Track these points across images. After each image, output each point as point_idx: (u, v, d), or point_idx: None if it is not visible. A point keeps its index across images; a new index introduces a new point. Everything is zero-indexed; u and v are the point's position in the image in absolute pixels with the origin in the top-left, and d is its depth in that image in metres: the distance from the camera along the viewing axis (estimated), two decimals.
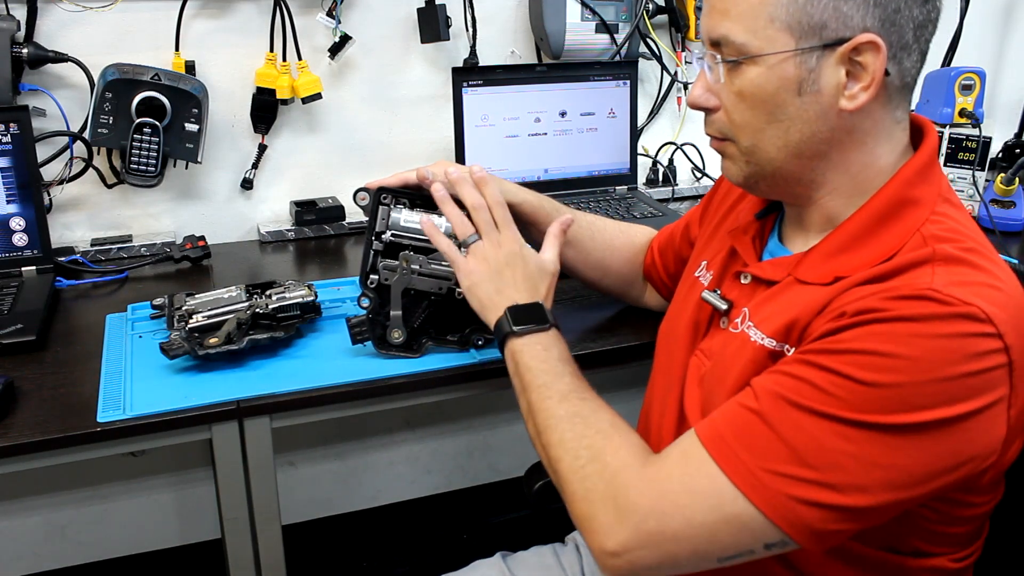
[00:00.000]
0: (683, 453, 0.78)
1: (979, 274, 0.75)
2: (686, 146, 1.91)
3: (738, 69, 0.80)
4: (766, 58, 0.78)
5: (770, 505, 0.72)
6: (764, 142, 0.82)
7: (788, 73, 0.78)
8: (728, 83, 0.82)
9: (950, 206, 0.82)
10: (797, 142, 0.81)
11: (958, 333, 0.70)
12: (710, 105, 0.85)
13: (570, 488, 0.81)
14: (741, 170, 0.86)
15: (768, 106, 0.80)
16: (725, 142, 0.86)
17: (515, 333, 0.93)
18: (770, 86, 0.79)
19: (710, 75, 0.84)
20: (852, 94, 0.78)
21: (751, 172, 0.85)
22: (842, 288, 0.77)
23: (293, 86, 1.57)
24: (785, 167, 0.83)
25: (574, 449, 0.82)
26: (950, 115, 1.64)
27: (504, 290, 0.97)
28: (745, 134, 0.83)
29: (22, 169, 1.37)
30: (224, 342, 1.08)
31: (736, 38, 0.79)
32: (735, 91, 0.81)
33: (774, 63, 0.78)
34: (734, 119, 0.83)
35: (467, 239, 1.01)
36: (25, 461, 0.98)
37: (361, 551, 1.99)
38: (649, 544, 0.75)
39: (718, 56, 0.82)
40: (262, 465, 1.08)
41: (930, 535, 0.81)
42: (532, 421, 0.88)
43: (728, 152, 0.87)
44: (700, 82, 0.85)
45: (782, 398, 0.74)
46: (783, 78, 0.79)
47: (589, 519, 0.78)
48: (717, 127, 0.86)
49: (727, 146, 0.86)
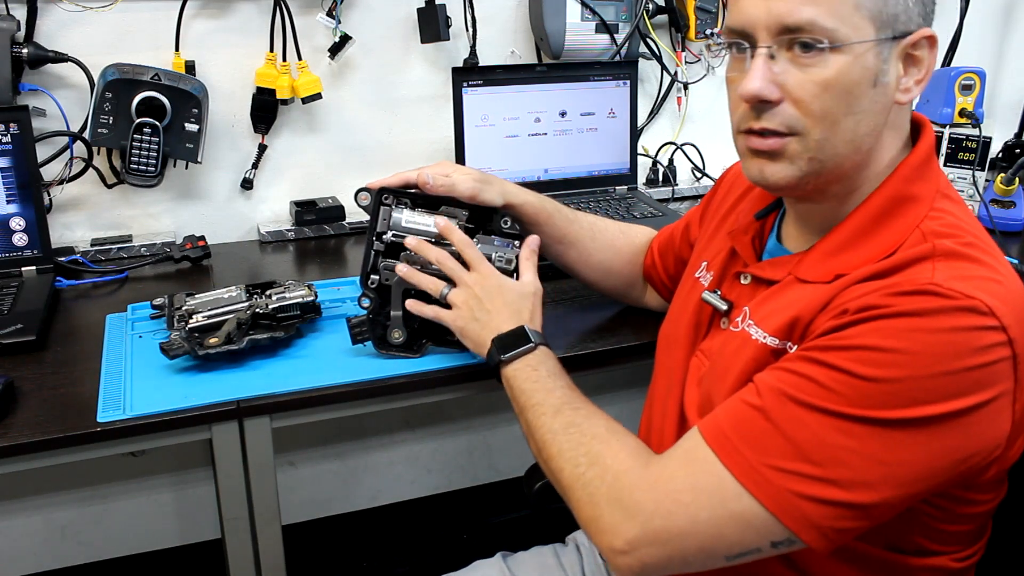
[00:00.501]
0: (686, 452, 0.78)
1: (980, 268, 0.75)
2: (686, 146, 1.91)
3: (821, 57, 0.76)
4: (853, 46, 0.76)
5: (774, 501, 0.72)
6: (836, 135, 0.78)
7: (868, 63, 0.77)
8: (806, 73, 0.77)
9: (949, 201, 0.82)
10: (863, 135, 0.80)
11: (961, 327, 0.70)
12: (774, 97, 0.78)
13: (575, 495, 0.82)
14: (799, 169, 0.80)
15: (849, 97, 0.77)
16: (788, 138, 0.79)
17: (504, 361, 0.95)
18: (854, 75, 0.77)
19: (774, 65, 0.78)
20: (907, 87, 0.79)
21: (810, 171, 0.80)
22: (843, 285, 0.78)
23: (293, 86, 1.57)
24: (845, 162, 0.80)
25: (573, 458, 0.83)
26: (950, 115, 1.64)
27: (489, 323, 0.99)
28: (822, 126, 0.78)
29: (22, 169, 1.37)
30: (224, 342, 1.08)
31: (825, 23, 0.75)
32: (817, 80, 0.77)
33: (859, 52, 0.76)
34: (812, 109, 0.78)
35: (442, 293, 1.03)
36: (25, 461, 0.98)
37: (361, 551, 1.98)
38: (656, 541, 0.75)
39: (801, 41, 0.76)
40: (262, 465, 1.08)
41: (933, 533, 0.81)
42: (532, 440, 0.90)
43: (788, 150, 0.80)
44: (759, 72, 0.78)
45: (785, 394, 0.74)
46: (864, 68, 0.77)
47: (596, 521, 0.79)
48: (783, 119, 0.79)
49: (789, 143, 0.79)
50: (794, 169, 0.80)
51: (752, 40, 0.79)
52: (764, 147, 0.81)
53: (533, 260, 1.06)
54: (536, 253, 1.07)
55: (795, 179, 0.81)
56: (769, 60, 0.78)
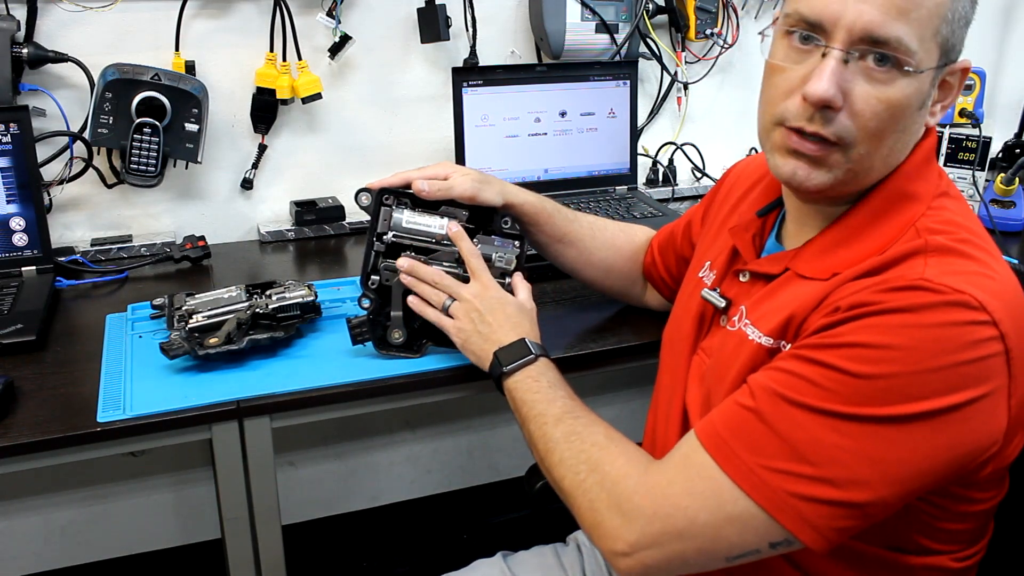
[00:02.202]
0: (683, 456, 0.79)
1: (972, 264, 0.75)
2: (686, 146, 1.91)
3: (893, 75, 0.75)
4: (921, 74, 0.75)
5: (771, 502, 0.72)
6: (878, 151, 0.78)
7: (924, 88, 0.77)
8: (874, 88, 0.75)
9: (948, 199, 0.82)
10: (898, 152, 0.81)
11: (951, 322, 0.70)
12: (839, 104, 0.75)
13: (576, 502, 0.83)
14: (835, 177, 0.79)
15: (903, 119, 0.77)
16: (832, 148, 0.77)
17: (505, 373, 0.96)
18: (913, 100, 0.76)
19: (847, 73, 0.75)
20: (935, 111, 0.81)
21: (844, 179, 0.79)
22: (838, 283, 0.78)
23: (293, 86, 1.57)
24: (873, 176, 0.81)
25: (574, 466, 0.84)
26: (950, 115, 1.64)
27: (490, 336, 1.00)
28: (870, 142, 0.77)
29: (22, 169, 1.37)
30: (224, 342, 1.08)
31: (910, 44, 0.73)
32: (883, 97, 0.75)
33: (924, 79, 0.76)
34: (868, 125, 0.76)
35: (444, 304, 1.04)
36: (25, 461, 0.98)
37: (361, 551, 1.98)
38: (656, 544, 0.76)
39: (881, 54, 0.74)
40: (262, 465, 1.08)
41: (932, 532, 0.81)
42: (535, 449, 0.90)
43: (830, 160, 0.78)
44: (831, 75, 0.74)
45: (777, 395, 0.74)
46: (921, 92, 0.77)
47: (597, 526, 0.80)
48: (835, 130, 0.76)
49: (832, 153, 0.78)
50: (830, 177, 0.79)
51: (828, 37, 0.75)
52: (809, 152, 0.78)
53: (526, 282, 1.08)
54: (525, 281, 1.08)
55: (828, 186, 0.80)
56: (842, 65, 0.75)
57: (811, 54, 0.77)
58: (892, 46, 0.73)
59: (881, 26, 0.73)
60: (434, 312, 1.05)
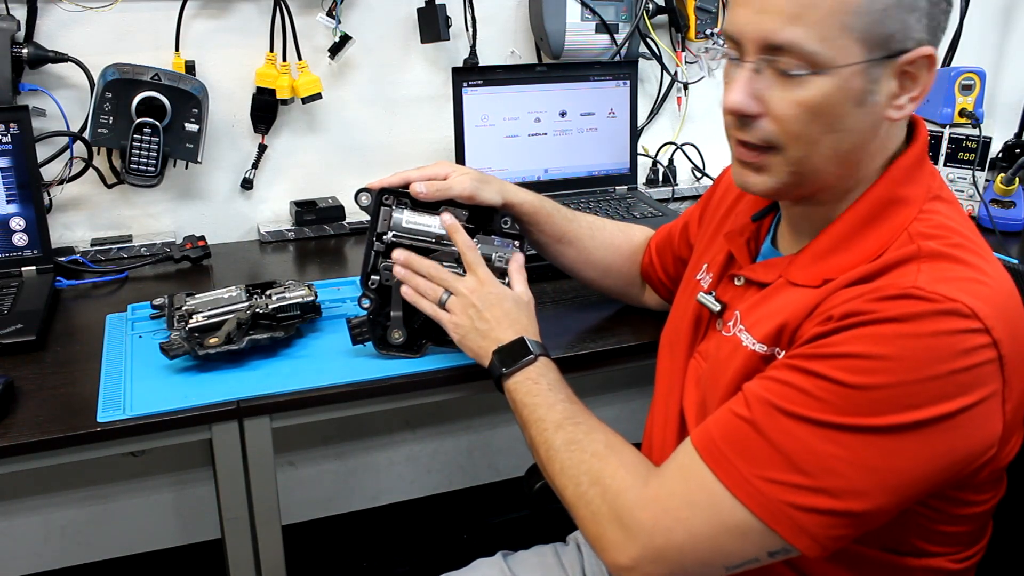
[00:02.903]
0: (681, 467, 0.79)
1: (965, 269, 0.75)
2: (686, 146, 1.91)
3: (804, 78, 0.75)
4: (838, 70, 0.74)
5: (769, 513, 0.73)
6: (816, 152, 0.78)
7: (854, 85, 0.75)
8: (785, 92, 0.76)
9: (941, 203, 0.82)
10: (847, 151, 0.79)
11: (944, 331, 0.70)
12: (753, 112, 0.78)
13: (578, 513, 0.83)
14: (779, 181, 0.80)
15: (830, 118, 0.76)
16: (767, 153, 0.79)
17: (505, 375, 0.96)
18: (835, 99, 0.75)
19: (758, 81, 0.77)
20: (901, 104, 0.78)
21: (790, 182, 0.80)
22: (831, 290, 0.77)
23: (293, 86, 1.57)
24: (826, 176, 0.80)
25: (575, 476, 0.84)
26: (950, 115, 1.64)
27: (489, 334, 0.99)
28: (799, 145, 0.77)
29: (22, 169, 1.37)
30: (224, 342, 1.08)
31: (807, 47, 0.73)
32: (795, 101, 0.75)
33: (845, 75, 0.74)
34: (789, 129, 0.77)
35: (441, 299, 1.03)
36: (25, 461, 0.98)
37: (361, 551, 1.98)
38: (658, 558, 0.77)
39: (779, 63, 0.75)
40: (262, 465, 1.08)
41: (929, 534, 0.81)
42: (536, 454, 0.91)
43: (769, 163, 0.80)
44: (742, 86, 0.77)
45: (773, 406, 0.74)
46: (848, 90, 0.75)
47: (599, 538, 0.80)
48: (762, 135, 0.78)
49: (768, 158, 0.79)
50: (773, 181, 0.81)
51: (741, 50, 0.78)
52: (746, 159, 0.81)
53: (522, 274, 1.07)
54: (523, 268, 1.07)
55: (774, 190, 0.82)
56: (754, 74, 0.77)
57: (737, 69, 0.79)
58: (790, 51, 0.74)
59: (776, 33, 0.74)
60: (429, 305, 1.04)
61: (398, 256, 1.05)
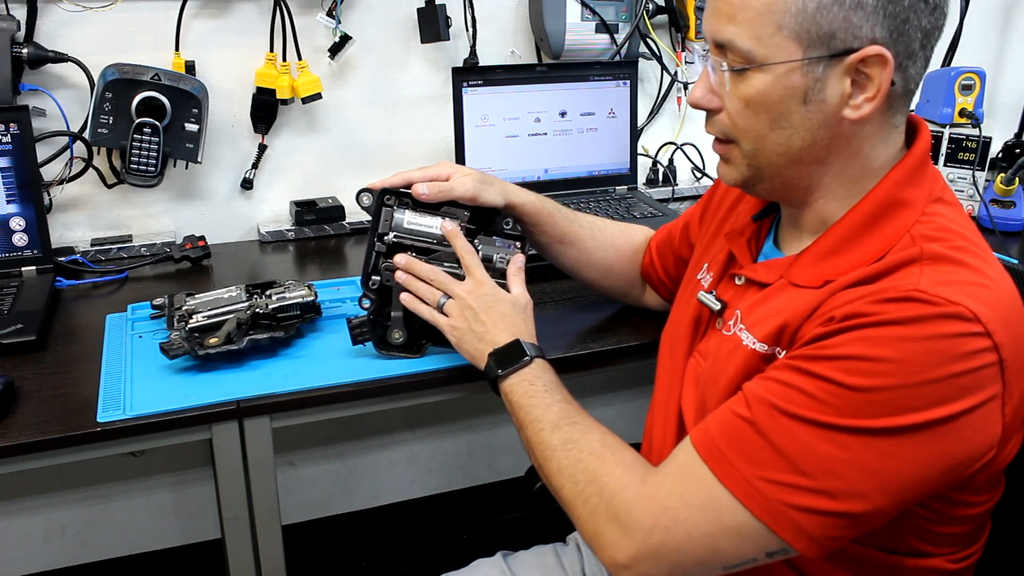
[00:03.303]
0: (680, 467, 0.79)
1: (967, 272, 0.75)
2: (686, 146, 1.91)
3: (743, 75, 0.79)
4: (773, 67, 0.77)
5: (768, 514, 0.73)
6: (766, 148, 0.81)
7: (794, 82, 0.77)
8: (732, 88, 0.80)
9: (943, 205, 0.82)
10: (799, 149, 0.80)
11: (945, 334, 0.70)
12: (712, 106, 0.83)
13: (576, 512, 0.83)
14: (741, 173, 0.85)
15: (772, 113, 0.79)
16: (728, 145, 0.84)
17: (501, 376, 0.96)
18: (775, 94, 0.78)
19: (713, 76, 0.82)
20: (856, 104, 0.78)
21: (750, 175, 0.85)
22: (832, 291, 0.78)
23: (293, 86, 1.57)
24: (785, 172, 0.83)
25: (572, 475, 0.84)
26: (950, 115, 1.64)
27: (485, 336, 1.00)
28: (748, 139, 0.82)
29: (22, 169, 1.37)
30: (224, 342, 1.08)
31: (742, 44, 0.77)
32: (739, 96, 0.80)
33: (781, 72, 0.77)
34: (737, 123, 0.82)
35: (439, 303, 1.03)
36: (25, 461, 0.98)
37: (361, 551, 1.98)
38: (655, 556, 0.77)
39: (723, 61, 0.80)
40: (262, 465, 1.08)
41: (927, 535, 0.81)
42: (532, 456, 0.91)
43: (731, 155, 0.85)
44: (702, 82, 0.83)
45: (773, 406, 0.74)
46: (788, 87, 0.77)
47: (597, 536, 0.80)
48: (719, 128, 0.84)
49: (730, 149, 0.84)
50: (737, 173, 0.86)
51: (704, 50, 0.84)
52: (716, 150, 0.87)
53: (521, 276, 1.07)
54: (523, 270, 1.07)
55: (739, 182, 0.86)
56: (712, 71, 0.82)
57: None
58: (728, 48, 0.79)
59: (716, 32, 0.80)
60: (427, 309, 1.04)
61: (399, 260, 1.05)
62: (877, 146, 0.82)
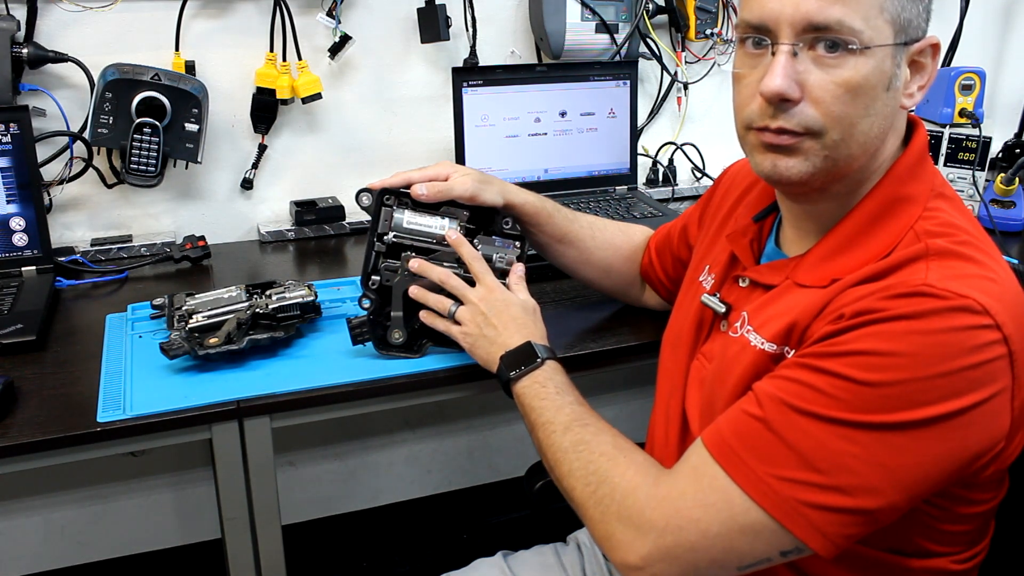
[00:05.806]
0: (693, 468, 0.79)
1: (974, 267, 0.75)
2: (686, 146, 1.91)
3: (842, 59, 0.76)
4: (875, 50, 0.76)
5: (782, 512, 0.73)
6: (852, 137, 0.78)
7: (886, 67, 0.77)
8: (826, 73, 0.76)
9: (944, 200, 0.82)
10: (874, 137, 0.80)
11: (956, 327, 0.70)
12: (795, 96, 0.77)
13: (588, 513, 0.83)
14: (814, 166, 0.79)
15: (867, 99, 0.77)
16: (802, 137, 0.78)
17: (512, 379, 0.96)
18: (873, 79, 0.77)
19: (795, 63, 0.77)
20: (911, 92, 0.80)
21: (823, 168, 0.79)
22: (839, 289, 0.78)
23: (293, 86, 1.57)
24: (854, 162, 0.80)
25: (583, 476, 0.84)
26: (950, 115, 1.64)
27: (496, 340, 1.00)
28: (840, 127, 0.77)
29: (22, 169, 1.37)
30: (224, 342, 1.08)
31: (853, 24, 0.75)
32: (839, 81, 0.76)
33: (880, 56, 0.77)
34: (831, 111, 0.77)
35: (450, 311, 1.04)
36: (25, 461, 0.98)
37: (361, 551, 1.98)
38: (668, 557, 0.76)
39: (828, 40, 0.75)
40: (262, 465, 1.08)
41: (933, 533, 0.81)
42: (544, 458, 0.91)
43: (803, 147, 0.79)
44: (784, 69, 0.76)
45: (785, 404, 0.74)
46: (882, 72, 0.77)
47: (609, 538, 0.80)
48: (800, 120, 0.78)
49: (804, 141, 0.78)
50: (808, 165, 0.79)
51: (774, 36, 0.77)
52: (779, 142, 0.79)
53: (523, 283, 1.07)
54: (523, 278, 1.08)
55: (807, 174, 0.79)
56: (792, 58, 0.77)
57: (763, 56, 0.79)
58: (834, 29, 0.75)
59: (820, 12, 0.75)
60: (444, 323, 1.05)
61: (413, 265, 1.05)
62: (890, 141, 0.83)
